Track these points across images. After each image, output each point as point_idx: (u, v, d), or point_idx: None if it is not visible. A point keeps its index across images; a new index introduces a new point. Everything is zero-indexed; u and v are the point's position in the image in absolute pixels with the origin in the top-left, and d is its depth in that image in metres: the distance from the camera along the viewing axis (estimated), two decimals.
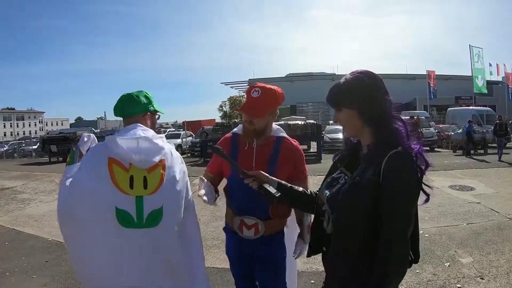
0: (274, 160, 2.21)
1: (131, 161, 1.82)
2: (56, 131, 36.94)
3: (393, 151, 1.39)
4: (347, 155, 1.65)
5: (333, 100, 1.57)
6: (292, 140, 2.35)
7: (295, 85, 45.56)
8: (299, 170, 2.30)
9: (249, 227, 2.20)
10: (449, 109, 26.64)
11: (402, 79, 41.57)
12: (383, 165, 1.38)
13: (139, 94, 2.07)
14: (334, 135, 19.81)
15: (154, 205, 1.85)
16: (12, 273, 4.53)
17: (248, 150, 2.24)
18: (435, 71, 34.13)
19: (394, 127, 1.45)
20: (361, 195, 1.40)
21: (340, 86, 1.53)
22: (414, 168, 1.41)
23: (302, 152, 2.39)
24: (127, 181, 1.81)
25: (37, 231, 6.47)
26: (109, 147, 1.85)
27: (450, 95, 36.86)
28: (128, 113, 2.05)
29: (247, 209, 2.19)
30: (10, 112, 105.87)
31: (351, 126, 1.53)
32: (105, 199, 1.79)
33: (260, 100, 2.16)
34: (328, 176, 1.67)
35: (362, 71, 1.53)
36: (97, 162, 1.84)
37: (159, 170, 1.89)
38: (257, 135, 2.23)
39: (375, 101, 1.48)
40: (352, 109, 1.49)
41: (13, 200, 9.61)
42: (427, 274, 3.94)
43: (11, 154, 30.20)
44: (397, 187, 1.36)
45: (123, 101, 2.07)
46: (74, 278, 4.18)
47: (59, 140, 22.56)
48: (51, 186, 11.53)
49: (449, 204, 7.01)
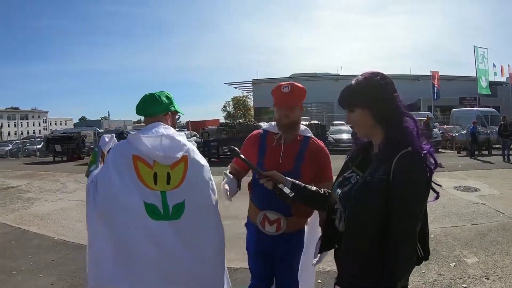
0: (300, 159, 2.30)
1: (155, 158, 1.90)
2: (60, 131, 37.09)
3: (404, 151, 1.41)
4: (358, 155, 1.67)
5: (345, 101, 1.58)
6: (319, 141, 2.44)
7: None
8: (323, 171, 2.37)
9: (272, 222, 2.27)
10: (453, 110, 26.53)
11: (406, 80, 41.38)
12: (394, 164, 1.39)
13: (160, 95, 2.15)
14: (338, 135, 19.84)
15: (176, 199, 1.93)
16: (18, 271, 4.55)
17: (276, 147, 2.33)
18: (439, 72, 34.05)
19: (405, 126, 1.47)
20: (372, 194, 1.42)
21: (352, 87, 1.55)
22: (424, 168, 1.42)
23: (328, 153, 2.46)
24: (151, 177, 1.89)
25: (43, 230, 6.50)
26: (133, 144, 1.93)
27: (454, 96, 36.71)
28: (150, 112, 2.12)
29: (271, 205, 2.25)
30: (14, 112, 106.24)
31: (363, 126, 1.55)
32: (134, 195, 1.86)
33: (292, 95, 2.29)
34: (340, 175, 1.69)
35: (373, 72, 1.55)
36: (122, 160, 1.92)
37: (182, 166, 1.97)
38: (293, 127, 2.34)
39: (387, 101, 1.50)
40: (365, 109, 1.51)
41: (18, 199, 9.67)
42: (433, 274, 3.95)
43: (16, 153, 30.33)
44: (407, 187, 1.37)
45: (145, 101, 2.14)
46: (81, 277, 4.22)
47: (63, 140, 22.74)
48: (55, 186, 11.60)
49: (454, 205, 7.01)
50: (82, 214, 7.50)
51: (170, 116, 2.17)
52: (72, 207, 8.29)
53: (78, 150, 22.59)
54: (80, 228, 6.46)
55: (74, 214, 7.61)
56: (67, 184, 11.72)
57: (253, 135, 2.54)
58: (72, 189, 10.90)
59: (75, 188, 11.00)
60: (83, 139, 23.82)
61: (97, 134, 26.66)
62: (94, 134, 28.05)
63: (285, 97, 2.29)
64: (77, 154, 22.33)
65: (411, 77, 44.85)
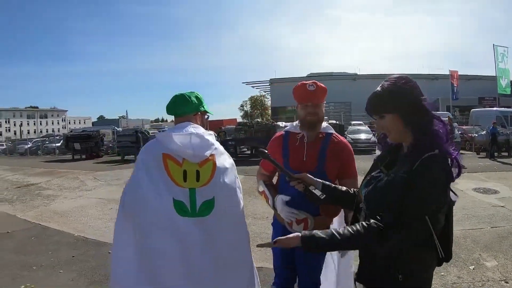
0: (322, 157, 2.33)
1: (184, 156, 1.96)
2: (79, 129, 37.71)
3: (430, 153, 1.41)
4: (388, 155, 1.68)
5: (374, 108, 1.58)
6: (340, 137, 2.47)
7: None
8: (347, 168, 2.40)
9: (299, 221, 2.28)
10: (473, 110, 26.11)
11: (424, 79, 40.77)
12: (417, 164, 1.41)
13: (190, 95, 2.20)
14: (356, 135, 19.69)
15: (206, 196, 1.96)
16: (39, 267, 4.64)
17: (299, 147, 2.37)
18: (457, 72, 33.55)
19: (434, 129, 1.48)
20: (393, 191, 1.44)
21: (379, 94, 1.55)
22: (446, 172, 1.43)
23: (351, 149, 2.48)
24: (181, 174, 1.95)
25: (63, 227, 6.61)
26: (162, 143, 2.00)
27: (473, 96, 36.12)
28: (180, 112, 2.19)
29: (298, 204, 2.27)
30: (34, 111, 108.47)
31: (395, 131, 1.55)
32: (164, 193, 1.90)
33: (317, 92, 2.34)
34: (368, 175, 1.71)
35: (398, 77, 1.56)
36: (152, 158, 1.98)
37: (210, 164, 2.01)
38: (318, 125, 2.39)
39: (415, 105, 1.50)
40: (395, 114, 1.52)
41: (38, 196, 9.86)
42: (452, 277, 3.90)
43: (35, 151, 30.96)
44: (424, 186, 1.39)
45: (175, 101, 2.20)
46: (100, 274, 4.29)
47: (83, 138, 23.12)
48: (75, 183, 11.80)
49: (473, 207, 6.91)
50: (101, 211, 7.66)
51: (199, 116, 2.22)
52: (92, 204, 8.41)
53: (97, 148, 22.96)
54: (99, 226, 6.59)
55: (94, 211, 7.73)
56: (86, 182, 11.91)
57: (276, 137, 2.58)
58: (91, 186, 11.07)
59: (94, 186, 11.19)
60: (101, 137, 24.18)
61: (115, 133, 27.01)
62: (113, 133, 28.44)
63: (312, 94, 2.34)
64: (96, 152, 22.71)
65: (429, 76, 44.19)
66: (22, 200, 9.32)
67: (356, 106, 36.28)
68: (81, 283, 4.12)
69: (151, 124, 77.52)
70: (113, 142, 25.55)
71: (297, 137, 2.42)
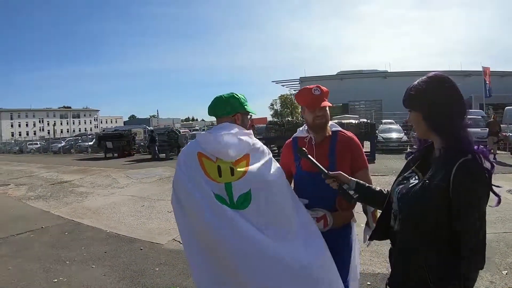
0: (333, 153, 2.36)
1: (218, 155, 2.06)
2: (112, 128, 38.63)
3: (463, 159, 1.40)
4: (420, 155, 1.67)
5: (405, 100, 1.61)
6: (347, 132, 2.50)
7: (346, 83, 44.97)
8: (357, 159, 2.41)
9: (318, 219, 2.29)
10: (507, 108, 25.11)
11: (456, 76, 39.67)
12: (453, 173, 1.39)
13: (229, 97, 2.28)
14: (388, 134, 19.30)
15: (242, 189, 2.03)
16: (72, 261, 4.80)
17: (309, 149, 2.35)
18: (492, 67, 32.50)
19: (462, 134, 1.46)
20: (429, 199, 1.43)
21: (411, 88, 1.56)
22: (484, 178, 1.41)
23: (358, 141, 2.50)
24: (216, 170, 2.04)
25: (95, 223, 6.79)
26: (200, 143, 2.12)
27: (507, 93, 34.87)
28: (219, 114, 2.28)
29: (315, 203, 2.31)
30: (67, 111, 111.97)
31: (419, 128, 1.57)
32: (205, 188, 2.00)
33: (323, 96, 2.36)
34: (400, 175, 1.70)
35: (434, 77, 1.54)
36: (189, 158, 2.10)
37: (244, 162, 2.09)
38: (326, 126, 2.42)
39: (440, 108, 1.48)
40: (418, 112, 1.53)
41: (71, 193, 10.19)
42: (484, 282, 3.80)
43: (68, 150, 31.95)
44: (469, 202, 1.38)
45: (215, 104, 2.30)
46: (132, 270, 4.41)
47: (114, 137, 23.59)
48: (107, 181, 12.12)
49: (508, 210, 6.66)
50: (133, 208, 7.84)
51: (239, 116, 2.27)
52: (124, 201, 8.60)
53: (129, 147, 23.42)
54: (131, 222, 6.75)
55: (126, 208, 7.90)
56: (119, 180, 12.18)
57: (287, 144, 2.62)
58: (123, 184, 11.32)
59: (126, 183, 11.43)
60: (133, 136, 24.67)
61: (147, 131, 27.53)
62: (144, 131, 29.02)
63: (319, 99, 2.35)
64: (128, 150, 23.16)
65: (462, 73, 42.91)
66: (56, 197, 9.64)
67: (387, 104, 35.70)
68: (113, 278, 4.22)
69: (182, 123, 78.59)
70: (144, 141, 26.04)
71: (305, 140, 2.45)
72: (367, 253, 4.56)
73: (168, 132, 21.95)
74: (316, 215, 2.30)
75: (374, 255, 4.50)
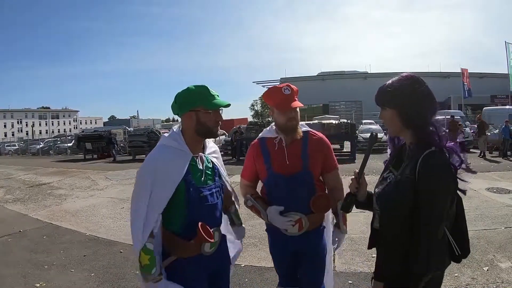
0: (305, 156, 2.31)
1: None
2: (91, 129, 38.10)
3: (428, 151, 1.48)
4: (395, 155, 1.74)
5: (379, 99, 1.67)
6: (317, 132, 2.45)
7: (327, 83, 45.37)
8: (329, 160, 2.39)
9: (294, 223, 2.25)
10: (485, 108, 25.67)
11: (436, 77, 40.38)
12: (419, 163, 1.47)
13: (178, 94, 1.99)
14: (368, 134, 19.47)
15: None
16: (50, 266, 4.68)
17: (279, 150, 2.33)
18: (471, 69, 33.17)
19: (431, 129, 1.54)
20: (401, 192, 1.51)
21: (385, 87, 1.64)
22: (448, 166, 1.49)
23: (329, 142, 2.47)
24: None
25: (74, 226, 6.66)
26: None
27: (485, 94, 35.65)
28: (174, 113, 2.06)
29: (290, 204, 2.26)
30: (46, 111, 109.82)
31: (392, 125, 1.64)
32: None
33: (293, 95, 2.29)
34: (380, 176, 1.77)
35: (408, 76, 1.62)
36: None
37: None
38: (297, 128, 2.34)
39: (414, 106, 1.56)
40: (393, 110, 1.60)
41: (50, 195, 9.96)
42: (465, 278, 3.84)
43: (47, 151, 31.38)
44: (432, 189, 1.45)
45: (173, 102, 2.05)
46: (112, 273, 4.32)
47: (94, 138, 23.31)
48: (86, 183, 11.90)
49: (486, 207, 6.79)
50: (112, 210, 7.72)
51: (192, 115, 1.94)
52: (103, 204, 8.48)
53: (108, 148, 23.12)
54: (111, 225, 6.63)
55: (105, 211, 7.78)
56: (98, 181, 12.00)
57: (253, 145, 2.51)
58: (102, 186, 11.16)
59: (106, 185, 11.26)
60: (113, 137, 24.37)
61: (126, 132, 27.21)
62: (124, 132, 28.63)
63: (290, 99, 2.26)
64: (107, 152, 22.84)
65: (441, 74, 43.76)
66: (34, 200, 9.42)
67: (367, 105, 36.10)
68: (92, 282, 4.13)
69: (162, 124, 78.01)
70: (124, 142, 25.71)
71: (274, 141, 2.36)
72: (349, 252, 4.60)
73: (148, 133, 21.68)
74: (292, 219, 2.25)
75: (356, 254, 4.54)
